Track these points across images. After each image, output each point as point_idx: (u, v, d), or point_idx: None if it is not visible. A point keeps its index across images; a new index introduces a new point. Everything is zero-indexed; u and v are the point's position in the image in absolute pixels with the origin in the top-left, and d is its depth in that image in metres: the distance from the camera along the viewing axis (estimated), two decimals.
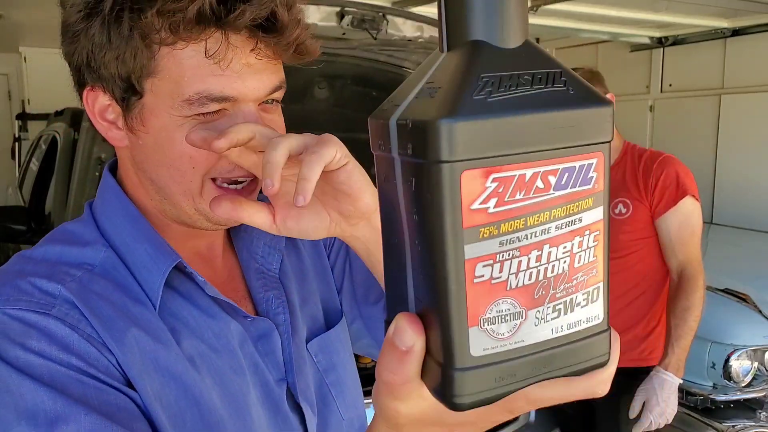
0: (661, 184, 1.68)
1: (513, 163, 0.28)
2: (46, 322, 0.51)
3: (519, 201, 0.29)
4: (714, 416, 2.35)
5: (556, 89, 0.29)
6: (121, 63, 0.54)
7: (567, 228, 0.30)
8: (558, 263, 0.30)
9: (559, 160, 0.29)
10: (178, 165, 0.56)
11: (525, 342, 0.30)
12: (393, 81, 2.14)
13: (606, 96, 1.42)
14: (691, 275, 1.65)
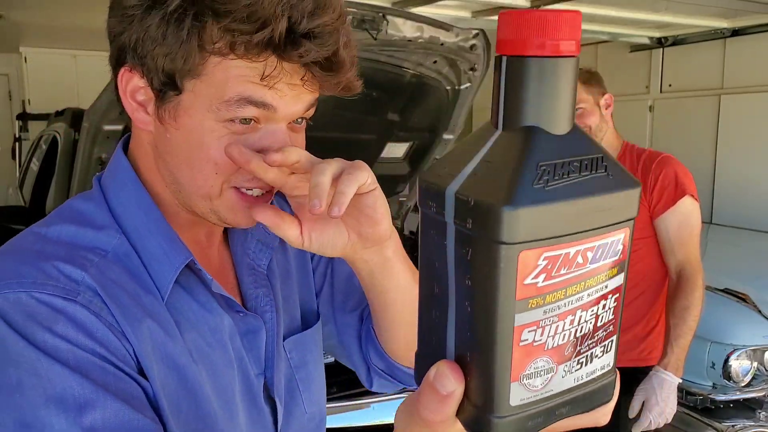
0: (660, 183, 1.68)
1: (562, 243, 0.32)
2: (73, 308, 0.52)
3: (563, 275, 0.32)
4: (714, 416, 2.36)
5: (599, 175, 0.33)
6: (169, 60, 0.54)
7: (596, 294, 0.34)
8: (586, 324, 0.34)
9: (596, 237, 0.33)
10: (202, 168, 0.57)
11: (553, 391, 0.34)
12: (393, 81, 2.14)
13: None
14: (690, 275, 1.65)
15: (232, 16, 0.51)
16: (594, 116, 1.74)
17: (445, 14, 3.88)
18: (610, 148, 1.79)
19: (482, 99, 4.62)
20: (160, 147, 0.60)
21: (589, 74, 1.77)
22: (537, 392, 0.34)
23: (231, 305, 0.65)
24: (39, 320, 0.51)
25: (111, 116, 1.80)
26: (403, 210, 2.89)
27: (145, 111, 0.59)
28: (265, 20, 0.51)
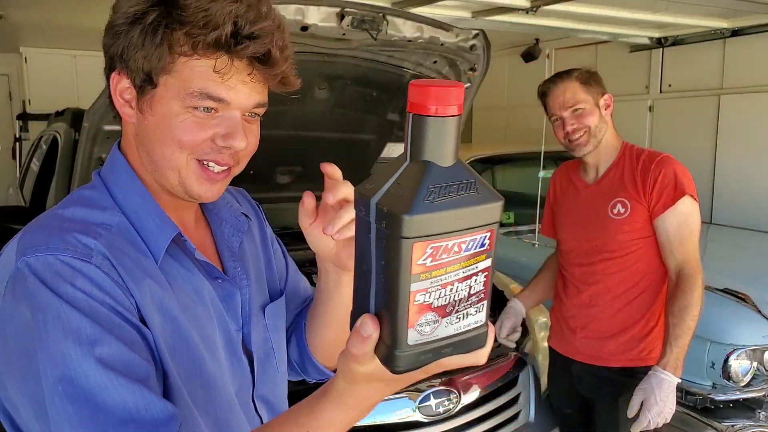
0: (659, 184, 1.68)
1: (443, 238, 0.48)
2: (88, 268, 0.66)
3: (444, 259, 0.49)
4: (713, 416, 2.36)
5: (470, 193, 0.49)
6: (147, 61, 0.70)
7: (469, 272, 0.51)
8: (461, 292, 0.51)
9: (467, 235, 0.49)
10: (170, 144, 0.72)
11: (438, 336, 0.51)
12: (393, 81, 2.14)
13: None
14: (689, 275, 1.65)
15: (192, 24, 0.67)
16: (593, 116, 1.73)
17: (445, 14, 3.88)
18: (610, 148, 1.79)
19: (482, 99, 4.64)
20: (140, 133, 0.75)
21: (588, 74, 1.76)
22: (427, 336, 0.51)
23: (210, 272, 0.80)
24: (62, 276, 0.65)
25: (111, 116, 1.80)
26: None
27: (130, 106, 0.74)
28: (215, 25, 0.67)
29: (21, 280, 0.65)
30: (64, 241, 0.67)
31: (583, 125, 1.73)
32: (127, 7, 0.70)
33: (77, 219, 0.71)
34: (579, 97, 1.73)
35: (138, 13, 0.69)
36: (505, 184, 4.55)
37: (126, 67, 0.71)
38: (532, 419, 2.01)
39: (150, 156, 0.75)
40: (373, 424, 1.71)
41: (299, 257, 2.60)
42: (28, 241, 0.68)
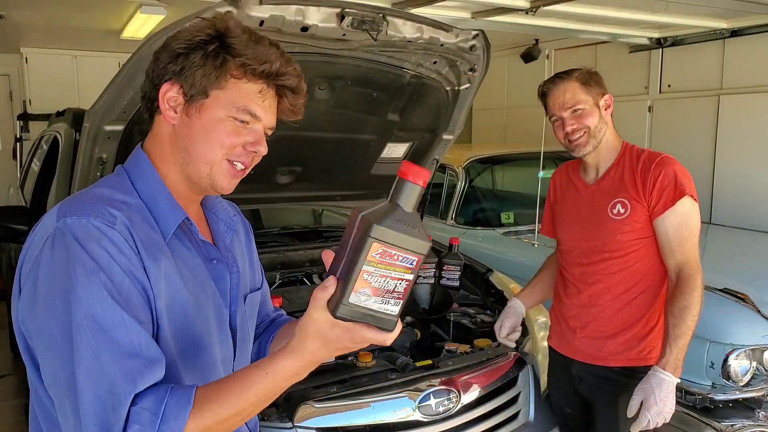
0: (659, 184, 1.67)
1: (390, 247, 0.78)
2: (112, 232, 0.85)
3: (386, 260, 0.78)
4: (713, 415, 2.36)
5: (414, 231, 0.79)
6: (204, 79, 0.91)
7: (397, 276, 0.79)
8: (389, 285, 0.79)
9: (404, 253, 0.79)
10: (212, 142, 0.93)
11: (367, 306, 0.79)
12: (393, 82, 2.15)
13: None
14: (689, 275, 1.65)
15: (246, 56, 0.91)
16: (592, 117, 1.73)
17: (445, 15, 3.89)
18: (610, 148, 1.79)
19: (482, 99, 4.64)
20: (181, 132, 0.94)
21: (588, 75, 1.76)
22: (361, 302, 0.78)
23: (209, 253, 1.00)
24: (92, 236, 0.83)
25: (111, 116, 1.81)
26: None
27: (174, 111, 0.93)
28: (266, 61, 0.92)
29: (59, 237, 0.83)
30: (94, 209, 0.86)
31: (583, 125, 1.73)
32: (190, 37, 0.91)
33: (105, 196, 0.90)
34: (578, 98, 1.73)
35: (200, 42, 0.91)
36: (505, 184, 4.56)
37: (181, 79, 0.91)
38: (531, 419, 2.01)
39: (188, 151, 0.94)
40: (373, 423, 1.71)
41: (299, 257, 2.62)
42: (66, 208, 0.87)
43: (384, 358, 1.92)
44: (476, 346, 2.03)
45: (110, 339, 0.80)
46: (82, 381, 0.79)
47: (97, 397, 0.78)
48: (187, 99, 0.92)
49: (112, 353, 0.79)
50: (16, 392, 3.51)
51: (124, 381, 0.79)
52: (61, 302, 0.81)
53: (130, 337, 0.81)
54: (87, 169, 1.95)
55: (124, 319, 0.81)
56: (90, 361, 0.79)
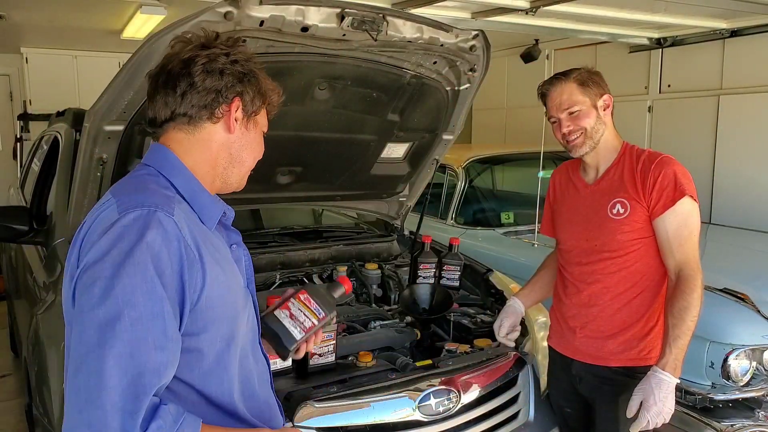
0: (659, 184, 1.67)
1: (312, 298, 1.24)
2: (168, 221, 0.93)
3: (306, 303, 1.23)
4: (713, 415, 2.36)
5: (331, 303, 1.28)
6: (253, 104, 1.09)
7: (309, 316, 1.22)
8: (301, 317, 1.22)
9: (318, 306, 1.23)
10: (255, 153, 1.12)
11: (282, 321, 1.21)
12: (393, 82, 2.15)
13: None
14: (688, 275, 1.65)
15: (272, 102, 1.14)
16: (589, 118, 1.73)
17: (445, 15, 3.89)
18: (609, 148, 1.79)
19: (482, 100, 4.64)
20: (236, 142, 1.08)
21: (587, 75, 1.75)
22: (279, 317, 1.20)
23: (229, 239, 1.12)
24: (147, 227, 0.91)
25: (112, 117, 1.81)
26: (403, 210, 2.89)
27: (235, 121, 1.07)
28: (277, 105, 1.15)
29: (119, 227, 0.90)
30: (153, 201, 0.93)
31: (579, 127, 1.73)
32: (256, 65, 1.10)
33: (155, 189, 0.98)
34: (575, 99, 1.73)
35: (258, 82, 1.10)
36: (505, 184, 4.56)
37: (244, 99, 1.07)
38: (531, 419, 2.01)
39: (238, 157, 1.08)
40: (373, 423, 1.71)
41: (299, 257, 2.62)
42: (127, 201, 0.94)
43: (384, 358, 1.92)
44: (476, 346, 2.03)
45: (147, 329, 0.85)
46: (110, 363, 0.83)
47: (123, 383, 0.83)
48: (246, 115, 1.08)
49: (146, 344, 0.85)
50: (16, 392, 3.51)
51: (152, 373, 0.85)
52: (99, 286, 0.86)
53: (165, 330, 0.87)
54: (87, 169, 1.95)
55: (163, 313, 0.87)
56: (123, 347, 0.83)
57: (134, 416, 0.82)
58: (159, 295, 0.87)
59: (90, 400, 0.82)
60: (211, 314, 0.96)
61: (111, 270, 0.86)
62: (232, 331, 1.01)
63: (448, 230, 3.76)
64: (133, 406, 0.82)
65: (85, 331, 0.85)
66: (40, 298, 2.31)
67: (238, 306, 1.04)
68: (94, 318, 0.85)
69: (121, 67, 1.68)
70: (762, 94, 4.24)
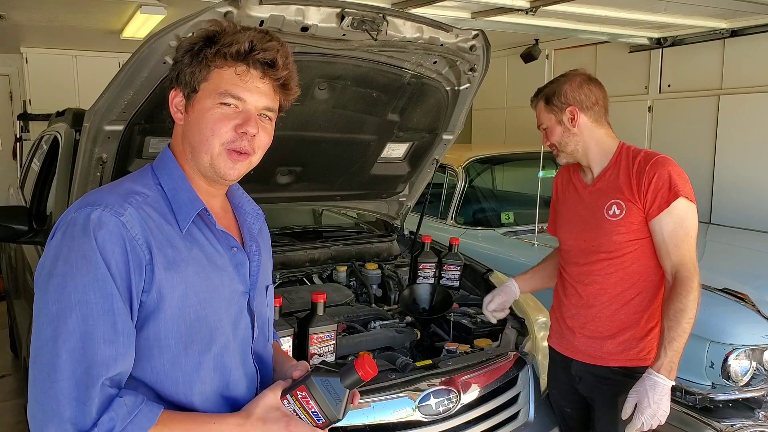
0: (654, 185, 1.67)
1: (310, 397, 0.99)
2: (115, 222, 0.92)
3: (303, 402, 0.98)
4: (713, 415, 2.36)
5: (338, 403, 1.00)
6: (192, 76, 0.99)
7: (306, 420, 0.99)
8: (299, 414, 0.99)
9: (318, 409, 0.98)
10: (204, 131, 0.99)
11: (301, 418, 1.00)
12: (393, 82, 2.15)
13: None
14: (685, 277, 1.64)
15: (222, 44, 0.97)
16: (555, 134, 1.80)
17: (445, 15, 3.89)
18: (600, 151, 1.79)
19: (481, 100, 4.64)
20: (185, 129, 1.02)
21: (551, 92, 1.79)
22: None
23: (228, 242, 1.05)
24: (96, 226, 0.91)
25: (111, 116, 1.81)
26: (403, 210, 2.89)
27: (180, 112, 1.03)
28: (237, 42, 0.97)
29: (71, 225, 0.92)
30: (107, 200, 0.93)
31: (550, 144, 1.84)
32: (185, 45, 1.01)
33: (125, 188, 0.98)
34: (542, 118, 1.83)
35: (190, 46, 1.00)
36: (505, 184, 4.56)
37: (179, 83, 1.01)
38: (531, 419, 2.01)
39: (191, 144, 1.01)
40: (373, 423, 1.71)
41: (299, 257, 2.62)
42: (85, 199, 0.95)
43: (384, 358, 1.92)
44: (476, 346, 2.03)
45: (96, 324, 0.89)
46: (63, 357, 0.87)
47: (75, 374, 0.87)
48: (185, 99, 1.01)
49: (95, 338, 0.88)
50: (16, 392, 3.52)
51: (100, 365, 0.88)
52: (53, 284, 0.90)
53: (114, 326, 0.90)
54: (87, 168, 1.95)
55: (113, 309, 0.90)
56: (75, 341, 0.88)
57: (86, 404, 0.87)
58: (108, 292, 0.89)
59: (44, 389, 0.88)
60: (161, 316, 0.95)
61: (64, 267, 0.90)
62: (191, 336, 0.97)
63: (448, 230, 3.76)
64: (84, 395, 0.87)
65: (41, 326, 0.90)
66: None
67: (210, 310, 1.00)
68: (49, 313, 0.89)
69: (121, 67, 1.68)
70: (762, 94, 4.24)
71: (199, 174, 1.03)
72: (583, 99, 1.77)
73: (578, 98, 1.78)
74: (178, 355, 0.96)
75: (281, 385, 1.01)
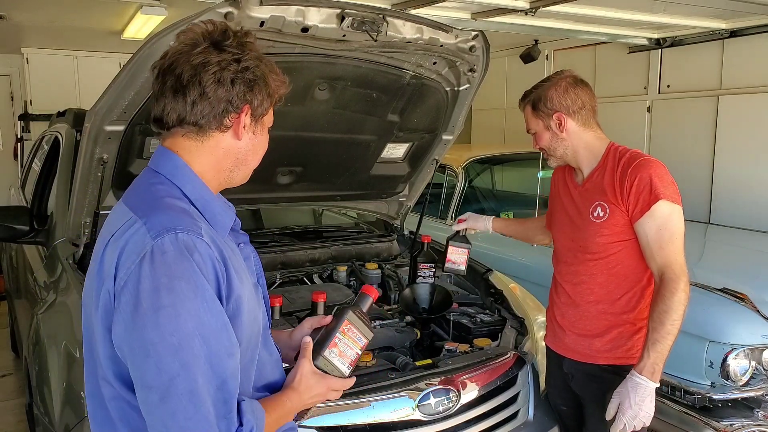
0: (635, 188, 1.65)
1: (353, 327, 1.18)
2: (201, 243, 0.96)
3: (350, 333, 1.18)
4: (712, 415, 2.37)
5: (367, 324, 1.20)
6: (261, 108, 1.08)
7: (354, 347, 1.17)
8: (348, 352, 1.17)
9: (360, 333, 1.18)
10: (260, 155, 1.13)
11: (333, 362, 1.16)
12: (393, 82, 2.15)
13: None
14: (670, 279, 1.63)
15: (281, 95, 1.11)
16: (543, 139, 1.80)
17: (445, 16, 3.90)
18: (589, 152, 1.78)
19: (481, 100, 4.65)
20: (245, 147, 1.09)
21: (537, 97, 1.78)
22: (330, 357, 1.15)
23: (237, 239, 1.13)
24: (189, 250, 0.95)
25: (112, 117, 1.81)
26: (403, 210, 2.90)
27: (244, 129, 1.07)
28: (281, 99, 1.12)
29: (159, 254, 0.91)
30: (183, 222, 0.95)
31: (539, 148, 1.84)
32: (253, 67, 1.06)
33: (178, 206, 0.99)
34: (530, 123, 1.83)
35: (262, 76, 1.07)
36: (504, 184, 4.57)
37: (253, 108, 1.07)
38: (531, 418, 2.02)
39: (244, 160, 1.09)
40: (373, 422, 1.72)
41: (299, 257, 2.63)
42: (158, 223, 0.94)
43: (384, 357, 1.93)
44: (476, 345, 2.04)
45: (218, 342, 0.93)
46: (200, 382, 0.91)
47: (212, 395, 0.92)
48: (254, 120, 1.08)
49: (220, 356, 0.93)
50: (17, 392, 3.52)
51: (231, 378, 0.95)
52: (164, 315, 0.90)
53: (230, 339, 0.95)
54: (88, 169, 1.96)
55: (225, 324, 0.95)
56: (204, 364, 0.91)
57: (229, 418, 0.93)
58: (218, 309, 0.94)
59: (188, 417, 0.90)
60: (239, 321, 1.00)
61: (170, 297, 0.90)
62: (251, 336, 1.04)
63: (448, 230, 3.76)
64: (225, 411, 0.93)
65: (164, 360, 0.89)
66: (40, 297, 2.32)
67: (254, 306, 1.07)
68: (170, 346, 0.90)
69: (122, 67, 1.68)
70: (761, 95, 4.25)
71: (217, 182, 1.08)
72: (570, 104, 1.76)
73: (564, 103, 1.76)
74: (244, 356, 1.01)
75: (308, 351, 1.13)
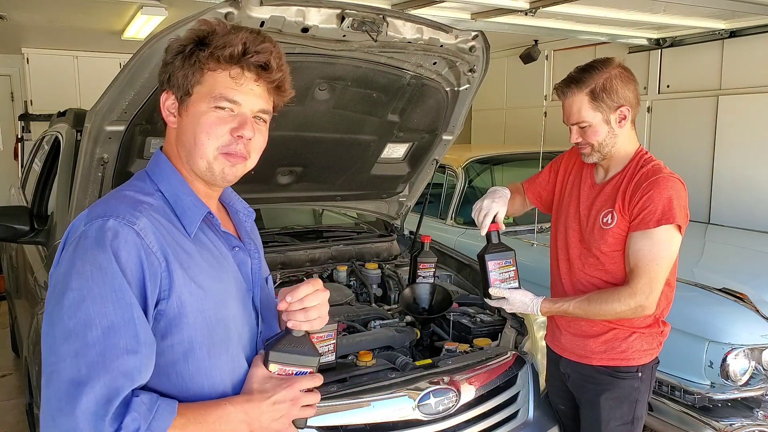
0: (643, 203, 1.60)
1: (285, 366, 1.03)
2: (129, 232, 0.91)
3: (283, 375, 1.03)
4: (712, 415, 2.37)
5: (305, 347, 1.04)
6: (185, 79, 0.98)
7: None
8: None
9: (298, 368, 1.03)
10: (199, 135, 0.99)
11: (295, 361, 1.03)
12: (393, 83, 2.15)
13: None
14: (631, 291, 1.60)
15: (215, 46, 0.96)
16: (598, 135, 1.65)
17: (445, 16, 3.90)
18: (621, 156, 1.71)
19: (481, 100, 4.65)
20: (179, 132, 1.02)
21: (603, 84, 1.61)
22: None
23: (230, 242, 1.07)
24: (110, 237, 0.90)
25: (113, 117, 1.81)
26: (403, 210, 2.90)
27: (173, 115, 1.02)
28: (230, 45, 0.96)
29: (83, 238, 0.90)
30: (118, 210, 0.92)
31: (587, 142, 1.68)
32: (176, 46, 0.99)
33: (130, 198, 0.97)
34: (584, 115, 1.65)
35: (181, 48, 0.99)
36: (504, 184, 4.54)
37: (171, 86, 1.00)
38: (530, 418, 2.02)
39: (186, 148, 1.00)
40: (373, 422, 1.72)
41: (299, 257, 2.63)
42: (95, 212, 0.93)
43: (384, 357, 1.93)
44: (476, 345, 2.04)
45: (118, 335, 0.87)
46: (83, 372, 0.85)
47: (95, 389, 0.85)
48: (178, 102, 1.00)
49: (117, 349, 0.87)
50: (17, 392, 3.52)
51: (124, 376, 0.87)
52: (69, 298, 0.87)
53: (136, 335, 0.88)
54: (88, 169, 1.96)
55: (133, 318, 0.88)
56: (96, 355, 0.85)
57: (104, 419, 0.84)
58: (128, 302, 0.88)
59: (61, 407, 0.85)
60: (185, 321, 0.95)
61: (79, 281, 0.87)
62: (213, 339, 0.98)
63: (447, 230, 3.77)
64: (104, 410, 0.84)
65: (56, 342, 0.86)
66: (40, 297, 2.32)
67: (225, 312, 1.01)
68: (65, 329, 0.86)
69: (123, 67, 1.69)
70: (761, 95, 4.25)
71: (196, 177, 1.02)
72: (632, 96, 1.63)
73: (629, 96, 1.62)
74: (202, 360, 0.96)
75: (260, 357, 1.02)
